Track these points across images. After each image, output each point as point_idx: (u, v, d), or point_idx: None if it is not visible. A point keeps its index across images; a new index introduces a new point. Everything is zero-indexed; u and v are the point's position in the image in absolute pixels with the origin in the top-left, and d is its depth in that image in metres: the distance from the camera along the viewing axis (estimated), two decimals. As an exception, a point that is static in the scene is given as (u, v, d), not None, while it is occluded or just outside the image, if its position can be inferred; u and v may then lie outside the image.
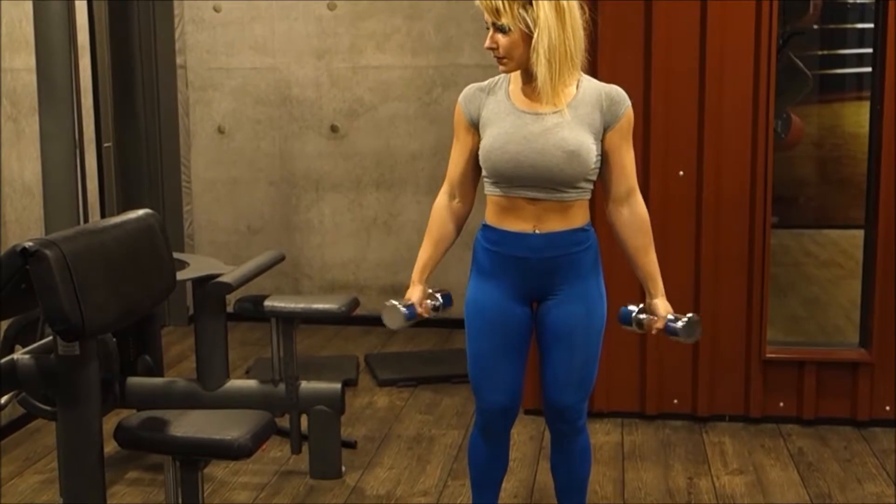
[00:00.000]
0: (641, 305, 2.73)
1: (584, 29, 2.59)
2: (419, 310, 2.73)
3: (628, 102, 2.64)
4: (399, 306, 2.70)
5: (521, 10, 2.50)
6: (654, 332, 2.72)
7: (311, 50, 5.62)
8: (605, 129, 2.62)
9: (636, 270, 2.75)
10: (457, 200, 2.77)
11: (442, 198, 2.79)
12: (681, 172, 3.99)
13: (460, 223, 2.80)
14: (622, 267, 4.00)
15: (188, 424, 2.40)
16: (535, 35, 2.51)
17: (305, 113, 5.67)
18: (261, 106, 5.70)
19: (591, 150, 2.58)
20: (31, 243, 2.20)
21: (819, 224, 4.60)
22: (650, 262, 2.73)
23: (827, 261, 4.62)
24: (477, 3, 2.57)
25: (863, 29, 4.20)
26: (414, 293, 2.74)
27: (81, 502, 2.38)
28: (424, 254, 2.79)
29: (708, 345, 4.06)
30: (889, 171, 3.92)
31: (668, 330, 2.69)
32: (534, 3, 2.50)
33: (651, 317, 2.71)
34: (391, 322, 2.72)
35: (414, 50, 5.53)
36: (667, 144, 3.96)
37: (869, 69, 4.04)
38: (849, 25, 4.36)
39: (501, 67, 2.61)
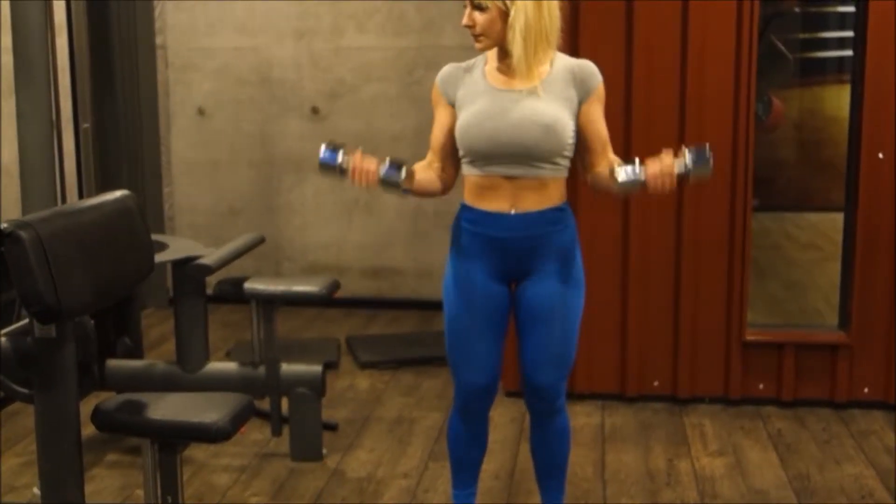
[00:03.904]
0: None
1: (561, 8, 2.60)
2: (348, 159, 2.59)
3: (600, 77, 2.67)
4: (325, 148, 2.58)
5: (499, -11, 2.52)
6: (661, 176, 2.53)
7: (292, 30, 5.58)
8: (580, 103, 2.64)
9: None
10: (438, 167, 2.75)
11: (426, 159, 2.77)
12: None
13: (436, 182, 2.74)
14: (601, 249, 4.03)
15: (167, 407, 2.39)
16: (512, 13, 2.54)
17: (286, 94, 5.64)
18: (241, 87, 5.66)
19: (567, 124, 2.60)
20: (5, 225, 2.18)
21: (799, 207, 4.63)
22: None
23: (807, 243, 4.64)
24: None
25: (844, 12, 4.20)
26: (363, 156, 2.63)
27: (59, 486, 2.37)
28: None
29: (688, 327, 4.08)
30: (869, 154, 3.94)
31: (682, 167, 2.51)
32: (511, -20, 2.51)
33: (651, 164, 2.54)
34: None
35: (395, 30, 5.50)
36: (648, 127, 3.96)
37: (850, 52, 4.05)
38: (830, 8, 4.37)
39: (477, 45, 2.62)
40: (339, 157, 2.62)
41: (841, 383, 4.07)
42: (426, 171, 2.73)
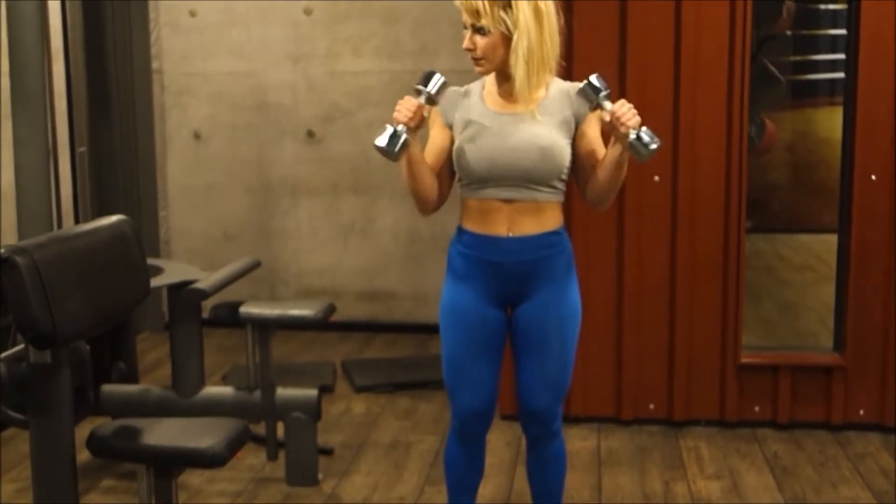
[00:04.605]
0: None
1: (560, 33, 2.62)
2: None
3: None
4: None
5: (502, 12, 2.53)
6: (618, 109, 2.49)
7: (288, 55, 5.60)
8: (578, 123, 2.65)
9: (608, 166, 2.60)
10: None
11: None
12: (656, 178, 4.01)
13: (436, 191, 2.69)
14: (596, 272, 4.04)
15: (162, 432, 2.39)
16: (515, 37, 2.54)
17: (282, 118, 5.65)
18: (237, 111, 5.68)
19: (564, 147, 2.62)
20: (2, 250, 2.19)
21: (792, 228, 4.64)
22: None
23: (800, 265, 4.65)
24: (457, 3, 2.59)
25: (835, 35, 4.24)
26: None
27: (54, 511, 2.36)
28: None
29: (684, 350, 4.08)
30: (862, 176, 3.96)
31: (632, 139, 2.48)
32: (514, 4, 2.53)
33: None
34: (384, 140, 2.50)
35: (391, 54, 5.52)
36: (642, 150, 3.97)
37: (841, 75, 4.08)
38: (821, 31, 4.41)
39: (478, 69, 2.63)
40: (389, 128, 2.50)
41: (837, 405, 4.07)
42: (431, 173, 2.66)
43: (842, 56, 4.08)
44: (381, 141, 2.53)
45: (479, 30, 2.58)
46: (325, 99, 5.61)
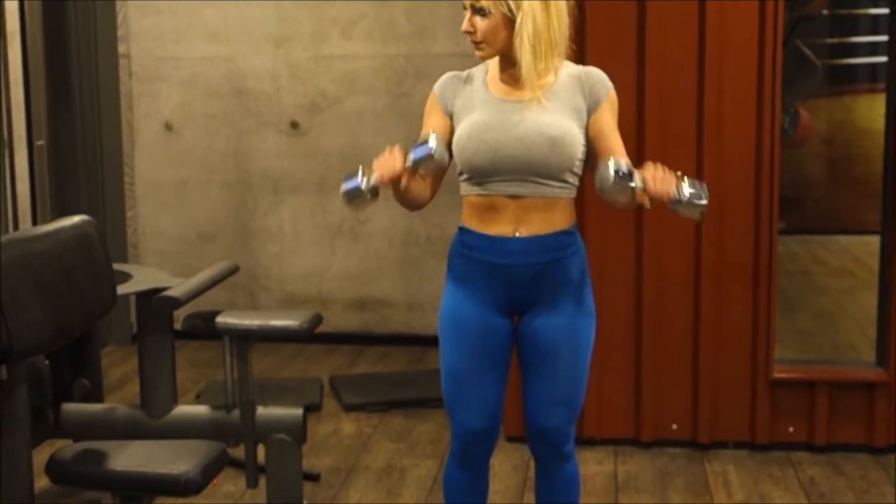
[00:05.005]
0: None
1: (570, 15, 2.61)
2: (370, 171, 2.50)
3: (610, 84, 2.67)
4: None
5: (503, -9, 2.53)
6: (652, 188, 2.50)
7: (269, 38, 5.60)
8: (590, 113, 2.64)
9: None
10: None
11: None
12: (678, 173, 3.98)
13: (432, 188, 2.71)
14: (612, 277, 4.03)
15: (130, 457, 2.39)
16: (519, 19, 2.54)
17: (262, 107, 5.65)
18: (213, 99, 5.67)
19: (576, 137, 2.61)
20: (-49, 254, 2.17)
21: (829, 229, 4.64)
22: None
23: (838, 269, 4.66)
24: None
25: (876, 14, 4.24)
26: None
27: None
28: None
29: (709, 363, 4.07)
30: (906, 170, 3.96)
31: (676, 193, 2.48)
32: (515, -17, 2.52)
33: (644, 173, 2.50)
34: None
35: (383, 37, 5.52)
36: (663, 143, 3.97)
37: (883, 58, 4.07)
38: (861, 10, 4.40)
39: (478, 53, 2.63)
40: (360, 176, 2.53)
41: (879, 425, 4.07)
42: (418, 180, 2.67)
43: (884, 38, 4.08)
44: (345, 187, 2.52)
45: (478, 10, 2.58)
46: (311, 86, 5.61)
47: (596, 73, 2.68)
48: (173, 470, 2.31)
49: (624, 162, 2.53)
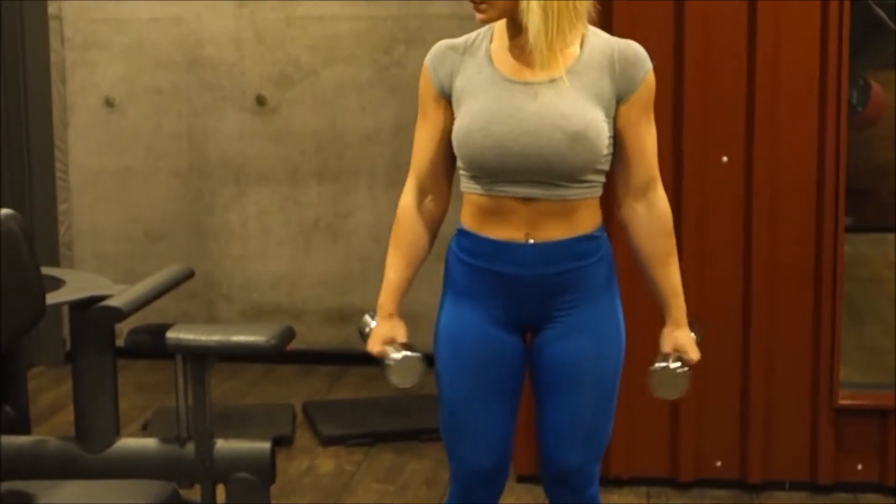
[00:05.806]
0: (666, 355, 2.77)
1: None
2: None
3: (649, 65, 2.62)
4: (410, 354, 2.65)
5: (507, -57, 2.52)
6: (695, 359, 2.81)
7: (230, -5, 5.62)
8: (619, 101, 2.61)
9: (652, 286, 2.77)
10: (429, 199, 2.76)
11: (409, 197, 2.78)
12: (724, 158, 4.01)
13: (435, 228, 2.79)
14: (644, 285, 4.03)
15: (64, 498, 2.38)
16: (525, -27, 2.52)
17: (222, 80, 5.66)
18: (162, 70, 5.69)
19: (601, 130, 2.57)
20: None
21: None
22: (671, 276, 2.75)
23: (918, 275, 4.67)
24: None
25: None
26: (397, 330, 2.73)
27: None
28: (394, 273, 2.77)
29: (761, 389, 4.08)
30: None
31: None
32: (522, -67, 2.51)
33: (682, 358, 2.77)
34: (404, 378, 2.66)
35: (368, -5, 5.54)
36: (705, 121, 3.98)
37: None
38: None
39: (479, 16, 2.59)
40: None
41: (966, 462, 4.09)
42: (420, 244, 2.77)
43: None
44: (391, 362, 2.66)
45: (478, -37, 2.56)
46: (281, 54, 5.62)
47: (632, 51, 2.61)
48: (115, 515, 2.32)
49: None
